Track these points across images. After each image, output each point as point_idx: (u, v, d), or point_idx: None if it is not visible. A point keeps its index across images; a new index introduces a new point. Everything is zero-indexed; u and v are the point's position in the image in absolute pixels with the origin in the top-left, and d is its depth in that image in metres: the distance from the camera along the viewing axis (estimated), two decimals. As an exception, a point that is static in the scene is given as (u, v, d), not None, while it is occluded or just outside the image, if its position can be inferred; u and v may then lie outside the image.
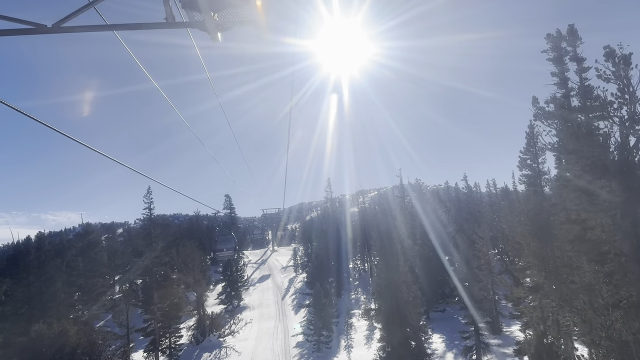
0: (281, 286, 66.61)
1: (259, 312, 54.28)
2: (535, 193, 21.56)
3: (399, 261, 24.69)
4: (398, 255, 24.77)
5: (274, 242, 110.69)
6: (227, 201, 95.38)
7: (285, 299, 59.19)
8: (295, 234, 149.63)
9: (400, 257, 25.19)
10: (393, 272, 23.71)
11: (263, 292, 64.27)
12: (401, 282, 23.70)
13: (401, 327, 22.72)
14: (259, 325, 48.16)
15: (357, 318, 44.72)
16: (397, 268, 24.10)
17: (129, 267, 51.85)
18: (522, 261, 24.16)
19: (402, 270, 24.49)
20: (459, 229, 49.12)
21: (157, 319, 37.49)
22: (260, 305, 57.42)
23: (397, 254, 24.76)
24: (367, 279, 64.06)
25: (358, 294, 57.15)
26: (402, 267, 24.87)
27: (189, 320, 46.44)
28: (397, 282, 23.44)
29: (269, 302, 58.81)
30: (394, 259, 24.28)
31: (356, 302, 51.99)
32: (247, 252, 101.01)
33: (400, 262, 24.90)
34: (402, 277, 24.14)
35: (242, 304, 58.30)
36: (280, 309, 54.93)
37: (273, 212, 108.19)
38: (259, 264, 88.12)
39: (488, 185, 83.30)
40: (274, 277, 73.47)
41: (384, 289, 24.18)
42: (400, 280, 23.78)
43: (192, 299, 50.09)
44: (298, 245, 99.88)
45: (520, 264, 28.43)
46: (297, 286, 65.08)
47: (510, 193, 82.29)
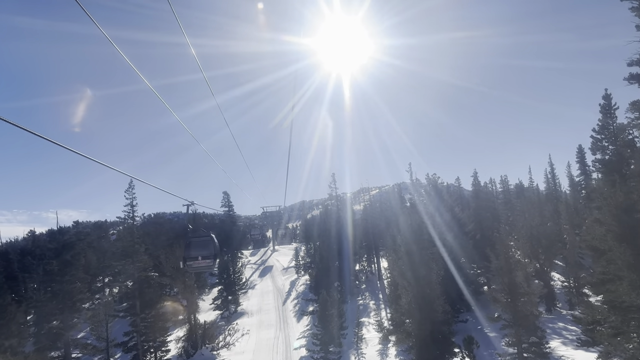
0: (282, 289, 61.91)
1: (258, 319, 49.59)
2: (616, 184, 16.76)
3: (432, 271, 20.05)
4: (430, 265, 20.09)
5: (274, 241, 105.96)
6: (225, 198, 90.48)
7: (286, 304, 54.50)
8: (297, 232, 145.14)
9: (433, 266, 20.50)
10: (425, 285, 19.07)
11: (263, 296, 59.57)
12: (435, 298, 19.08)
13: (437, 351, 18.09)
14: (258, 335, 43.44)
15: (368, 329, 40.00)
16: (430, 280, 19.47)
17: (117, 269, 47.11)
18: (598, 272, 19.38)
19: (434, 283, 19.84)
20: (478, 229, 44.39)
21: (140, 332, 32.82)
22: (259, 311, 52.73)
23: (427, 262, 20.06)
24: (375, 282, 59.39)
25: (366, 299, 52.39)
26: (435, 279, 20.22)
27: (179, 330, 41.75)
28: (431, 297, 18.83)
29: (269, 307, 54.12)
30: (426, 268, 19.61)
31: (364, 309, 47.23)
32: (246, 252, 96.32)
33: (433, 273, 20.26)
34: (436, 291, 19.50)
35: (240, 309, 53.63)
36: (281, 315, 50.23)
37: (273, 210, 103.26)
38: (259, 265, 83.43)
39: (502, 182, 78.66)
40: (275, 279, 68.77)
41: (415, 307, 19.45)
42: (434, 295, 19.17)
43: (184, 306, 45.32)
44: (299, 245, 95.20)
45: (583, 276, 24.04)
46: (299, 289, 60.39)
47: (526, 190, 77.80)
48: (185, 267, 16.40)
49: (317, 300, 46.14)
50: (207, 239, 15.88)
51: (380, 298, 51.26)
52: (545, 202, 59.52)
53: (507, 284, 20.95)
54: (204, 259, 15.49)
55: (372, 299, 51.88)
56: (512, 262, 21.32)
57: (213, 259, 15.70)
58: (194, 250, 15.53)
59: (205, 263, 15.64)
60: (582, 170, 61.62)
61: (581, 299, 38.03)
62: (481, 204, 46.92)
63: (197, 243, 15.62)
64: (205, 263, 15.64)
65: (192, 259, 15.42)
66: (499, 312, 22.62)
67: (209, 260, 15.59)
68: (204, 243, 15.71)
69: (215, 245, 15.73)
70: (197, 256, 15.40)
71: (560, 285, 39.15)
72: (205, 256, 15.46)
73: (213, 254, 15.67)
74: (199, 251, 15.46)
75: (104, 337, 33.35)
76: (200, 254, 15.43)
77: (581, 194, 62.01)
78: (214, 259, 15.73)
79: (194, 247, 15.52)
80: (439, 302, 19.51)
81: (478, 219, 44.68)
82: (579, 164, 61.55)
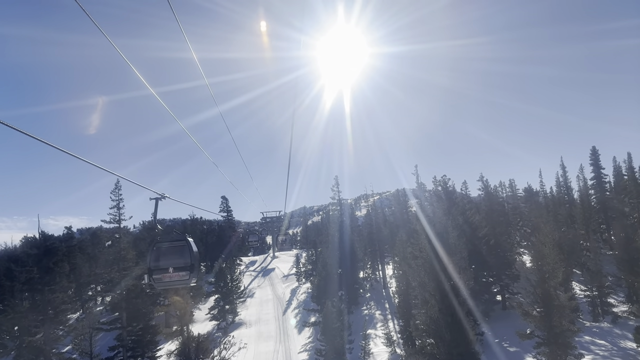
0: (282, 298, 58.91)
1: (257, 330, 46.62)
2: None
3: (459, 283, 17.31)
4: (457, 274, 17.33)
5: (274, 247, 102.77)
6: (224, 203, 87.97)
7: (287, 314, 51.53)
8: (297, 238, 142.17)
9: (460, 276, 17.72)
10: (452, 299, 16.28)
11: (262, 305, 56.56)
12: (464, 314, 16.33)
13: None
14: (256, 348, 40.50)
15: (375, 342, 37.05)
16: (458, 293, 16.70)
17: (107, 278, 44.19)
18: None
19: (463, 296, 17.10)
20: (492, 235, 41.58)
21: (127, 346, 29.93)
22: (258, 322, 49.77)
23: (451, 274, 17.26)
24: (380, 290, 56.44)
25: (371, 308, 49.40)
26: (463, 292, 17.49)
27: (171, 343, 38.76)
28: (460, 314, 16.01)
29: (269, 317, 51.14)
30: (452, 279, 16.84)
31: (370, 319, 44.24)
32: (245, 258, 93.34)
33: (461, 285, 17.53)
34: (465, 306, 16.75)
35: (238, 319, 50.65)
36: (282, 326, 47.26)
37: (274, 216, 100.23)
38: (258, 272, 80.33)
39: (510, 187, 75.94)
40: (275, 287, 65.72)
41: (443, 325, 16.60)
42: (464, 310, 16.42)
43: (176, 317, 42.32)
44: (300, 251, 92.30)
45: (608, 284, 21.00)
46: (300, 298, 57.42)
47: (535, 194, 75.05)
48: (150, 283, 11.72)
49: (320, 311, 43.22)
50: (180, 244, 11.81)
51: (387, 308, 48.29)
52: (559, 206, 56.76)
53: (540, 295, 18.19)
54: (177, 271, 11.47)
55: (378, 308, 48.92)
56: (546, 270, 18.56)
57: (189, 270, 11.59)
58: (163, 260, 11.64)
59: (178, 276, 11.53)
60: (596, 173, 58.98)
61: (606, 310, 35.20)
62: (494, 208, 44.15)
63: (167, 250, 11.72)
64: (178, 276, 11.53)
65: (161, 270, 11.51)
66: (532, 328, 19.90)
67: (184, 273, 11.54)
68: (177, 250, 11.71)
69: (192, 252, 11.72)
70: (167, 267, 11.50)
71: (582, 295, 36.22)
72: (178, 267, 11.51)
73: (189, 264, 11.58)
74: (170, 260, 11.55)
75: (88, 352, 30.50)
76: (172, 264, 11.51)
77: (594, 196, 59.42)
78: (191, 270, 11.61)
79: (164, 255, 11.64)
80: (468, 320, 16.73)
81: (491, 223, 41.90)
82: (593, 167, 58.93)
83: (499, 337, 34.23)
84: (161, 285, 11.59)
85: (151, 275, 11.35)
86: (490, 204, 44.20)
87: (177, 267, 11.44)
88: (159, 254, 11.53)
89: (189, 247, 11.65)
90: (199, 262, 13.31)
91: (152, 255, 11.52)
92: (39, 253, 32.88)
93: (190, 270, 11.54)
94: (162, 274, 11.42)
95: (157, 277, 11.36)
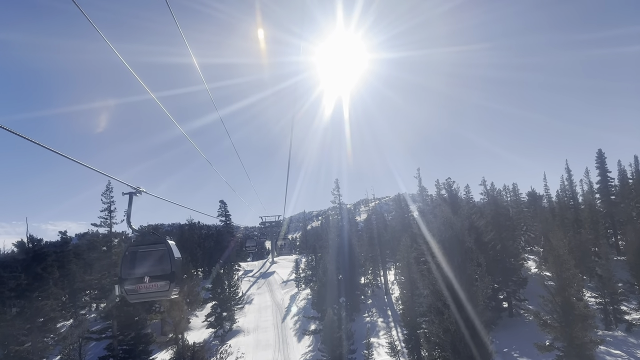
0: (281, 304, 57.34)
1: (255, 338, 45.05)
2: None
3: (479, 291, 15.86)
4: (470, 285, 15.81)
5: (273, 252, 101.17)
6: (222, 207, 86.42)
7: (286, 321, 49.96)
8: (297, 243, 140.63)
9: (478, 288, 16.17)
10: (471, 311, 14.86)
11: (260, 311, 54.97)
12: (481, 328, 14.91)
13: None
14: (254, 357, 38.99)
15: (378, 351, 35.48)
16: (477, 302, 15.28)
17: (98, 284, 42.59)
18: None
19: (482, 307, 15.67)
20: (498, 239, 40.23)
21: (118, 356, 28.41)
22: (256, 329, 48.18)
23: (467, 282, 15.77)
24: (382, 296, 54.91)
25: (373, 315, 47.88)
26: (480, 301, 16.03)
27: (166, 352, 37.21)
28: (478, 328, 14.60)
29: (267, 324, 49.57)
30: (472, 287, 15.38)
31: (373, 327, 42.70)
32: (244, 264, 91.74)
33: (480, 293, 16.08)
34: (484, 317, 15.35)
35: (235, 327, 49.04)
36: (280, 334, 45.70)
37: (273, 220, 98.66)
38: (257, 278, 78.69)
39: (513, 191, 74.64)
40: (274, 293, 64.13)
41: (459, 342, 15.14)
42: (482, 322, 15.02)
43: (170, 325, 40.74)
44: (300, 256, 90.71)
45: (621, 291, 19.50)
46: (299, 305, 55.85)
47: (539, 198, 73.73)
48: (122, 294, 9.77)
49: (320, 318, 41.78)
50: (159, 248, 9.85)
51: (389, 315, 46.79)
52: (565, 210, 55.41)
53: (560, 304, 16.80)
54: (155, 281, 9.51)
55: (380, 315, 47.40)
56: (566, 277, 17.19)
57: (169, 280, 9.63)
58: (138, 267, 9.62)
59: (155, 287, 9.56)
60: (602, 176, 57.74)
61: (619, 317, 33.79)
62: (500, 212, 42.78)
63: (143, 255, 9.80)
64: (155, 287, 9.56)
65: (135, 280, 9.55)
66: (550, 339, 18.49)
67: (162, 283, 9.59)
68: (155, 255, 9.79)
69: (173, 258, 9.77)
70: (143, 276, 9.54)
71: (594, 302, 34.79)
72: (156, 276, 9.57)
73: (169, 273, 9.63)
74: (146, 268, 9.63)
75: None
76: (148, 272, 9.57)
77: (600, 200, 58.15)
78: (171, 280, 9.63)
79: (139, 261, 9.70)
80: (486, 332, 15.28)
81: (497, 228, 40.54)
82: (599, 170, 57.70)
83: (507, 346, 32.79)
84: (135, 298, 9.56)
85: (123, 286, 9.40)
86: (495, 208, 42.82)
87: (155, 276, 9.53)
88: (133, 260, 9.64)
89: (169, 252, 9.78)
90: (181, 270, 10.85)
91: (124, 262, 9.59)
92: (27, 258, 31.46)
93: (170, 279, 9.59)
94: (137, 284, 9.49)
95: (130, 288, 9.43)
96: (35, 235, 34.55)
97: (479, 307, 15.41)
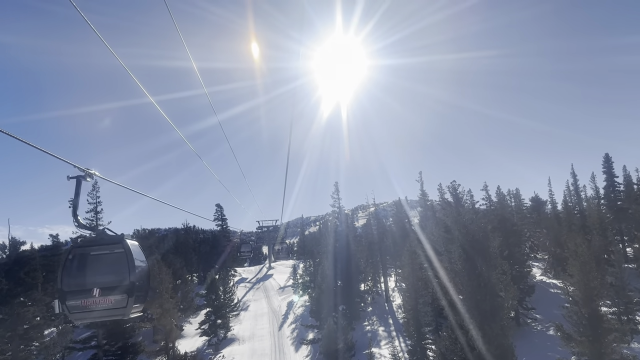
0: (278, 311, 55.44)
1: (250, 347, 43.18)
2: None
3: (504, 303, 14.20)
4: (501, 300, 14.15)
5: (270, 257, 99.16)
6: (219, 211, 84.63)
7: (283, 329, 48.07)
8: (294, 248, 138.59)
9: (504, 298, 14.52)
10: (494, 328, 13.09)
11: (256, 319, 53.07)
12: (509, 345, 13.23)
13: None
14: (249, 368, 37.17)
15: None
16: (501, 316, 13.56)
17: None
18: None
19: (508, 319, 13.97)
20: (505, 246, 38.61)
21: (103, 368, 26.56)
22: (252, 338, 46.30)
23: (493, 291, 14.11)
24: (382, 304, 53.07)
25: (374, 324, 46.04)
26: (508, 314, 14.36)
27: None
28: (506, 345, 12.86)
29: (263, 332, 47.68)
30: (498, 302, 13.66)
31: (374, 337, 40.83)
32: (240, 269, 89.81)
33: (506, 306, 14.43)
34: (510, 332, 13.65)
35: (230, 334, 47.15)
36: (277, 343, 43.82)
37: (270, 225, 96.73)
38: (253, 283, 76.71)
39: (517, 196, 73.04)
40: (270, 300, 62.21)
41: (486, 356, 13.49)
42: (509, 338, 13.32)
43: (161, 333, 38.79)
44: (297, 262, 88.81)
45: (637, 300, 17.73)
46: (297, 312, 53.96)
47: (543, 204, 72.19)
48: (63, 312, 7.24)
49: (319, 327, 39.99)
50: (115, 250, 7.27)
51: (391, 324, 44.97)
52: (572, 216, 53.91)
53: (587, 316, 15.16)
54: (107, 294, 6.99)
55: (381, 324, 45.56)
56: (594, 286, 15.56)
57: (127, 293, 7.06)
58: (86, 275, 7.13)
59: (108, 302, 7.02)
60: (609, 181, 56.34)
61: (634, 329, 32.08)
62: (506, 217, 41.22)
63: (93, 260, 7.20)
64: (108, 302, 7.02)
65: (80, 293, 6.99)
66: (577, 357, 16.82)
67: (119, 298, 7.04)
68: (109, 260, 7.26)
69: (132, 264, 7.15)
70: (92, 288, 7.02)
71: (608, 312, 33.14)
72: (108, 288, 7.04)
73: (127, 284, 7.06)
74: (96, 277, 7.11)
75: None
76: (99, 282, 7.07)
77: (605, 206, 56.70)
78: (130, 293, 7.06)
79: (88, 268, 7.11)
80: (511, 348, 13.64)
81: (504, 233, 38.94)
82: (606, 175, 56.31)
83: (517, 358, 31.06)
84: (81, 317, 7.17)
85: (64, 301, 6.88)
86: (502, 212, 41.25)
87: (108, 288, 7.03)
88: (80, 266, 7.15)
89: (127, 257, 7.19)
90: (147, 281, 7.96)
91: (66, 269, 7.05)
92: (9, 262, 29.63)
93: (129, 292, 7.04)
94: (83, 299, 6.98)
95: (74, 304, 6.94)
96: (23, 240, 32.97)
97: (504, 321, 13.70)
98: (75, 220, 6.91)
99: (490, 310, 13.97)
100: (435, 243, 37.48)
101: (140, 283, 7.31)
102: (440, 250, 35.79)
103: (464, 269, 15.08)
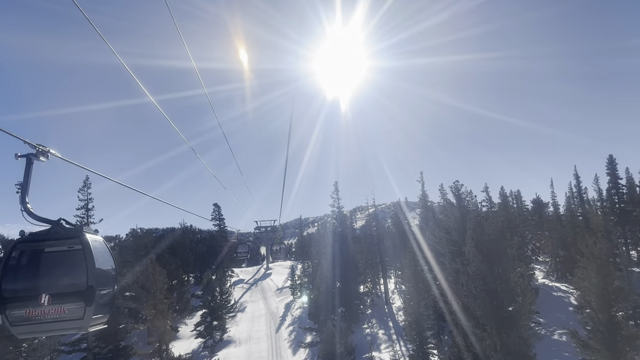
0: (276, 313, 54.39)
1: (247, 350, 42.10)
2: None
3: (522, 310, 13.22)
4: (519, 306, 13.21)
5: (268, 258, 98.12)
6: (216, 211, 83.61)
7: (280, 331, 47.02)
8: (292, 249, 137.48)
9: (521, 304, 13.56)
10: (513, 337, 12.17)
11: (253, 320, 52.00)
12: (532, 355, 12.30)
13: None
14: (245, 371, 36.11)
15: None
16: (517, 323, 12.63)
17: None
18: None
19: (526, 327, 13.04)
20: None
21: (93, 372, 25.50)
22: (248, 340, 45.23)
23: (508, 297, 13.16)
24: (382, 306, 52.10)
25: (373, 327, 45.04)
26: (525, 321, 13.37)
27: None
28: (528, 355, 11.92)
29: (260, 334, 46.61)
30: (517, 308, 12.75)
31: (374, 340, 39.87)
32: (237, 270, 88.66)
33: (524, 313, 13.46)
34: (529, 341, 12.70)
35: (226, 336, 46.05)
36: (274, 345, 42.76)
37: (268, 225, 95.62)
38: (251, 284, 75.64)
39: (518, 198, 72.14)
40: (268, 301, 61.13)
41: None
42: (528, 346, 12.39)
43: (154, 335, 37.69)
44: (295, 263, 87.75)
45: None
46: (295, 314, 52.92)
47: (544, 206, 71.38)
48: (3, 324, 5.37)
49: (318, 330, 39.00)
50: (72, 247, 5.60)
51: (391, 327, 43.98)
52: (575, 218, 53.02)
53: (605, 323, 14.21)
54: (59, 302, 5.35)
55: (381, 327, 44.57)
56: (612, 291, 14.60)
57: (84, 302, 5.40)
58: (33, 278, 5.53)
59: (59, 312, 5.36)
60: (612, 183, 55.50)
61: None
62: (510, 217, 40.32)
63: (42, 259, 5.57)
64: (59, 312, 5.36)
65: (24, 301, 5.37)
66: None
67: (74, 307, 5.40)
68: (62, 260, 5.63)
69: (92, 264, 5.50)
70: (39, 295, 5.36)
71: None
72: (60, 294, 5.43)
73: (84, 289, 5.42)
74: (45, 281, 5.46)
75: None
76: (48, 287, 5.44)
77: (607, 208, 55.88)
78: (87, 301, 5.41)
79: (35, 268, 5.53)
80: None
81: (509, 234, 37.97)
82: (610, 176, 55.46)
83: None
84: (26, 331, 5.42)
85: (3, 311, 5.33)
86: (506, 213, 40.37)
87: (60, 294, 5.43)
88: (26, 266, 5.56)
89: (85, 255, 5.57)
90: (112, 286, 6.19)
91: (6, 270, 5.45)
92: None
93: (87, 300, 5.44)
94: (28, 308, 5.41)
95: (16, 314, 5.35)
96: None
97: (523, 329, 12.71)
98: (24, 209, 5.59)
99: (508, 316, 12.99)
100: (438, 245, 36.54)
101: (102, 289, 5.71)
102: (443, 252, 34.84)
103: (479, 270, 14.07)
